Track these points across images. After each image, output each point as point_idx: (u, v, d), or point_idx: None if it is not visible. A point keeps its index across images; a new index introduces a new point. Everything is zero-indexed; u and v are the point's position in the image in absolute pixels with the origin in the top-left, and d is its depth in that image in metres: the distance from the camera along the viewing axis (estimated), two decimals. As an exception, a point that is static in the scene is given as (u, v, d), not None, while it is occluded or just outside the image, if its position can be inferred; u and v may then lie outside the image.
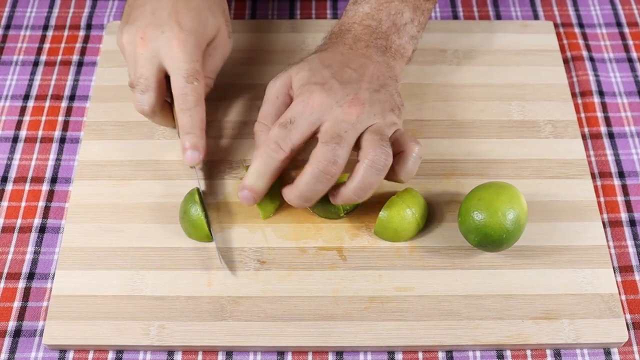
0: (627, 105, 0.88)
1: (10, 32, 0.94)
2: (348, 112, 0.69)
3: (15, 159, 0.83)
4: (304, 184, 0.69)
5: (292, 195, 0.71)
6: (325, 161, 0.68)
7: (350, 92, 0.71)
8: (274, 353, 0.71)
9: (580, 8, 0.97)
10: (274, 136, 0.70)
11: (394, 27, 0.77)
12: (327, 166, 0.68)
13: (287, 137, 0.70)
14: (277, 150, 0.70)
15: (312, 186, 0.69)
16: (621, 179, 0.82)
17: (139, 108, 0.76)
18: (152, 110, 0.76)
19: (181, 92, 0.74)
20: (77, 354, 0.71)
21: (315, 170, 0.69)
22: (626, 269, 0.76)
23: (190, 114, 0.74)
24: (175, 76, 0.74)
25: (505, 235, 0.71)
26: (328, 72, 0.72)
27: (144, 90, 0.75)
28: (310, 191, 0.70)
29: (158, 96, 0.76)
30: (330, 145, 0.68)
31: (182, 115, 0.75)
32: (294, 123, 0.70)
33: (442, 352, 0.71)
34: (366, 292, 0.72)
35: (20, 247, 0.77)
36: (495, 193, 0.72)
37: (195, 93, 0.74)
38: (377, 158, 0.68)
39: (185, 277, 0.73)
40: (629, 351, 0.71)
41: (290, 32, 0.92)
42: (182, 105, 0.74)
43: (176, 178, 0.79)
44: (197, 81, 0.74)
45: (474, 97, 0.86)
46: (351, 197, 0.70)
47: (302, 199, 0.71)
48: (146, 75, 0.74)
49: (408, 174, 0.72)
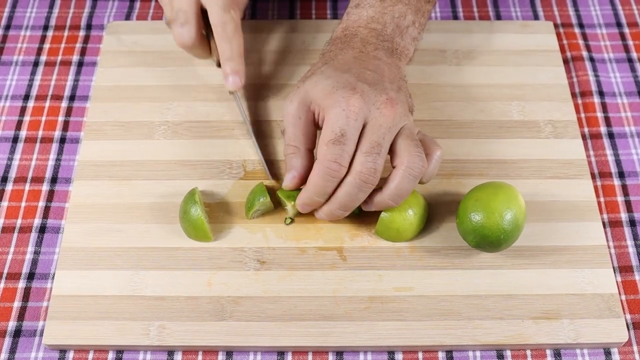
0: (627, 105, 0.88)
1: (10, 33, 0.94)
2: (385, 114, 0.69)
3: (16, 159, 0.83)
4: (346, 194, 0.69)
5: (332, 206, 0.71)
6: (367, 172, 0.68)
7: (380, 92, 0.70)
8: (274, 353, 0.71)
9: (580, 8, 0.97)
10: (331, 155, 0.68)
11: (398, 29, 0.77)
12: (369, 177, 0.68)
13: (344, 152, 0.68)
14: (339, 170, 0.68)
15: (355, 196, 0.70)
16: (621, 179, 0.82)
17: (180, 40, 0.79)
18: (193, 42, 0.79)
19: (220, 22, 0.77)
20: (77, 354, 0.71)
21: (357, 181, 0.68)
22: (626, 269, 0.76)
23: (229, 42, 0.78)
24: (212, 7, 0.77)
25: (503, 235, 0.71)
26: (351, 77, 0.71)
27: (183, 23, 0.78)
28: (352, 201, 0.70)
29: (197, 28, 0.78)
30: (371, 155, 0.68)
31: (222, 43, 0.78)
32: (345, 136, 0.68)
33: (442, 352, 0.71)
34: (366, 292, 0.72)
35: (20, 247, 0.77)
36: (493, 193, 0.72)
37: (233, 22, 0.78)
38: (413, 165, 0.69)
39: (185, 277, 0.73)
40: (629, 351, 0.71)
41: (290, 33, 0.92)
42: (221, 34, 0.78)
43: (176, 178, 0.79)
44: (233, 10, 0.78)
45: (474, 97, 0.86)
46: (387, 203, 0.70)
47: (343, 209, 0.71)
48: (185, 9, 0.77)
49: (430, 176, 0.72)
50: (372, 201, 0.71)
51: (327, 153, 0.68)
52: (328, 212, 0.72)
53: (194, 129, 0.83)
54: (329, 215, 0.72)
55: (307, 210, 0.73)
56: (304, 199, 0.72)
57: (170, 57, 0.89)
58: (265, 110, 0.85)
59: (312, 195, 0.71)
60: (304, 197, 0.72)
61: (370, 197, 0.71)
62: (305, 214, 0.75)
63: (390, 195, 0.70)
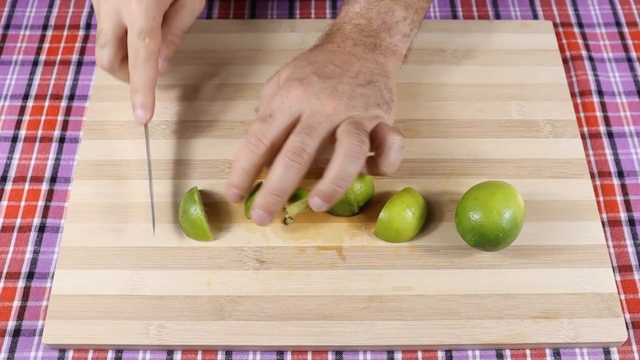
0: (627, 104, 0.88)
1: (9, 32, 0.94)
2: (324, 104, 0.70)
3: (15, 159, 0.83)
4: (274, 174, 0.68)
5: (263, 191, 0.69)
6: (293, 149, 0.68)
7: (329, 85, 0.71)
8: (273, 352, 0.71)
9: (580, 8, 0.97)
10: (254, 131, 0.70)
11: (385, 25, 0.77)
12: (295, 154, 0.68)
13: (267, 130, 0.70)
14: (257, 145, 0.70)
15: (283, 175, 0.68)
16: (620, 179, 0.82)
17: (99, 63, 0.76)
18: (111, 66, 0.76)
19: (133, 49, 0.73)
20: (77, 353, 0.71)
21: (284, 160, 0.68)
22: (625, 269, 0.76)
23: (139, 72, 0.73)
24: (129, 32, 0.73)
25: (502, 234, 0.71)
26: (310, 69, 0.73)
27: (102, 45, 0.75)
28: (281, 181, 0.68)
29: (116, 51, 0.75)
30: (300, 135, 0.69)
31: (133, 72, 0.74)
32: (272, 117, 0.70)
33: (441, 352, 0.71)
34: (365, 291, 0.72)
35: (19, 246, 0.77)
36: (491, 192, 0.72)
37: (146, 51, 0.73)
38: (351, 145, 0.68)
39: (184, 276, 0.73)
40: (628, 350, 0.71)
41: (289, 32, 0.92)
42: (133, 62, 0.74)
43: (175, 177, 0.79)
44: (149, 38, 0.73)
45: (473, 96, 0.86)
46: (331, 188, 0.68)
47: (275, 191, 0.69)
48: (105, 30, 0.74)
49: (391, 166, 0.71)
50: (317, 190, 0.69)
51: (251, 129, 0.70)
52: (262, 202, 0.69)
53: (193, 128, 0.83)
54: (263, 205, 0.69)
55: (236, 196, 0.71)
56: (231, 178, 0.71)
57: (169, 57, 0.89)
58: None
59: (237, 171, 0.70)
60: (230, 177, 0.71)
61: (315, 189, 0.69)
62: (304, 214, 0.75)
63: (332, 178, 0.68)
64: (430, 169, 0.80)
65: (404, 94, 0.85)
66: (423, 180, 0.79)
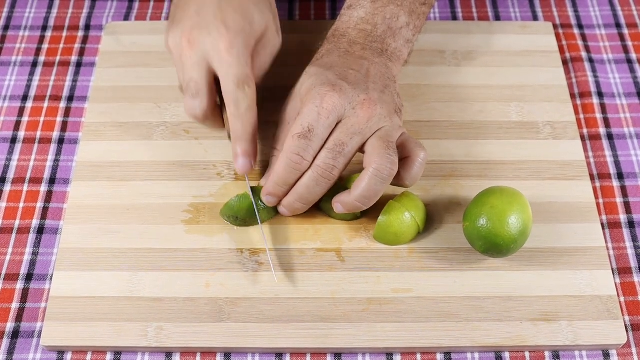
0: (626, 106, 0.88)
1: (8, 33, 0.94)
2: (359, 115, 0.69)
3: (14, 160, 0.82)
4: (304, 186, 0.70)
5: (291, 198, 0.72)
6: (324, 167, 0.69)
7: (360, 92, 0.70)
8: (272, 355, 0.71)
9: (580, 9, 0.97)
10: (295, 148, 0.69)
11: (390, 30, 0.76)
12: (326, 172, 0.69)
13: (309, 147, 0.69)
14: (300, 162, 0.69)
15: (312, 189, 0.70)
16: (620, 181, 0.82)
17: (191, 113, 0.74)
18: (205, 116, 0.75)
19: (233, 98, 0.72)
20: (75, 355, 0.70)
21: (315, 175, 0.70)
22: (625, 271, 0.76)
23: (242, 120, 0.72)
24: (225, 81, 0.72)
25: (513, 245, 0.71)
26: (332, 74, 0.71)
27: (194, 95, 0.73)
28: (310, 194, 0.71)
29: (210, 100, 0.74)
30: (332, 152, 0.69)
31: (234, 121, 0.72)
32: (312, 132, 0.69)
33: (440, 354, 0.71)
34: (364, 293, 0.72)
35: (18, 248, 0.76)
36: (508, 202, 0.71)
37: (247, 99, 0.72)
38: (382, 167, 0.68)
39: (183, 278, 0.73)
40: (627, 353, 0.71)
41: (288, 33, 0.92)
42: (234, 112, 0.72)
43: (174, 179, 0.79)
44: (248, 86, 0.72)
45: (473, 98, 0.86)
46: (355, 205, 0.70)
47: (303, 200, 0.72)
48: (196, 79, 0.72)
49: (413, 179, 0.72)
50: (341, 201, 0.71)
51: (292, 145, 0.69)
52: (288, 203, 0.73)
53: (193, 130, 0.83)
54: (289, 207, 0.73)
55: (273, 202, 0.73)
56: (268, 187, 0.72)
57: (168, 58, 0.88)
58: (264, 111, 0.85)
59: (274, 184, 0.71)
60: (268, 186, 0.72)
61: (340, 199, 0.71)
62: (306, 215, 0.75)
63: (357, 196, 0.70)
64: (430, 170, 0.80)
65: (403, 95, 0.85)
66: (422, 182, 0.79)
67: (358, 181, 0.70)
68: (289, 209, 0.73)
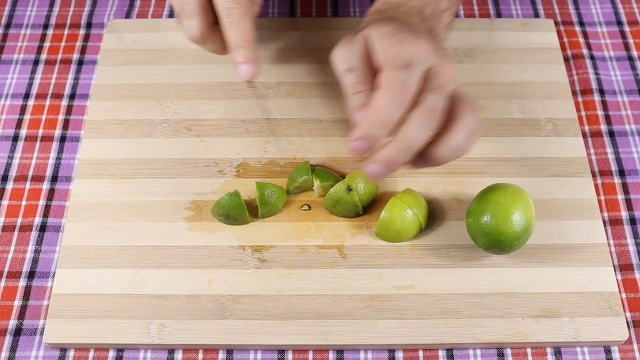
0: (628, 103, 0.88)
1: (10, 31, 0.94)
2: (446, 67, 0.64)
3: (16, 158, 0.83)
4: (411, 131, 0.62)
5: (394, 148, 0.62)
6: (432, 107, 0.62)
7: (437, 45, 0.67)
8: (274, 351, 0.71)
9: (581, 6, 0.97)
10: (397, 79, 0.61)
11: (435, 13, 0.74)
12: (434, 114, 0.62)
13: (410, 79, 0.61)
14: (404, 96, 0.61)
15: (418, 134, 0.62)
16: (621, 177, 0.82)
17: (189, 35, 0.73)
18: (202, 35, 0.73)
19: (224, 7, 0.71)
20: (78, 352, 0.71)
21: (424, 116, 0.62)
22: (626, 267, 0.76)
23: (237, 27, 0.71)
24: None
25: (517, 242, 0.71)
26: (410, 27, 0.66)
27: (190, 16, 0.72)
28: (415, 139, 0.62)
29: (205, 19, 0.72)
30: (437, 94, 0.62)
31: (229, 29, 0.71)
32: (411, 66, 0.62)
33: (442, 351, 0.71)
34: (366, 290, 0.72)
35: (20, 245, 0.77)
36: (512, 199, 0.71)
37: (238, 5, 0.71)
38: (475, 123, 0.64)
39: (185, 275, 0.73)
40: (629, 349, 0.71)
41: (290, 30, 0.92)
42: (227, 19, 0.71)
43: (176, 176, 0.79)
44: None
45: (475, 95, 0.86)
46: (446, 154, 0.64)
47: (405, 150, 0.62)
48: (189, 0, 0.72)
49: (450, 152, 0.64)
50: (430, 154, 0.64)
51: (392, 77, 0.61)
52: (388, 156, 0.62)
53: (194, 127, 0.83)
54: (389, 160, 0.62)
55: (363, 150, 0.62)
56: (364, 128, 0.61)
57: (170, 55, 0.89)
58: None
59: (372, 123, 0.61)
60: (363, 126, 0.61)
61: (425, 151, 0.64)
62: (308, 212, 0.75)
63: (453, 147, 0.64)
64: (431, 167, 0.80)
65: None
66: (424, 178, 0.79)
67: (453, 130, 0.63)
68: (388, 163, 0.62)
